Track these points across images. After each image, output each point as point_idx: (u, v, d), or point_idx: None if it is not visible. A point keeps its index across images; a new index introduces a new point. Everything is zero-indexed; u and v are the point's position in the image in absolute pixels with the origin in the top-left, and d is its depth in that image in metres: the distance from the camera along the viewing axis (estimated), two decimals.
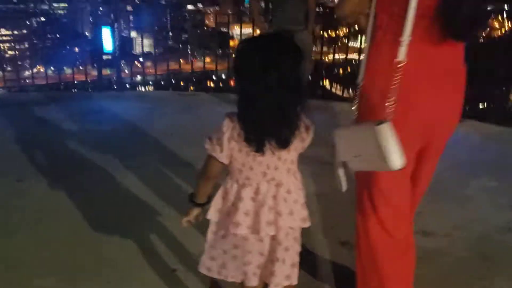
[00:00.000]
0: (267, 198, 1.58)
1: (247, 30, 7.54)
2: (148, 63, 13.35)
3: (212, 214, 1.68)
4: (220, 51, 11.15)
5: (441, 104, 1.69)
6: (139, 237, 2.69)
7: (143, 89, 9.55)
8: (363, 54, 1.71)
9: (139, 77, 8.96)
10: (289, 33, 4.26)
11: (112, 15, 7.67)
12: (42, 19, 33.28)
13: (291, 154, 1.58)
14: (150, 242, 2.65)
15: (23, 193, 3.30)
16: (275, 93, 1.41)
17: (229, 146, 1.53)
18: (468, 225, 2.88)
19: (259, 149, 1.50)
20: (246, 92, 1.45)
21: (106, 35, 6.55)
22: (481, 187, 3.41)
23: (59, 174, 3.60)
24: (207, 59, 8.77)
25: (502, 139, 4.60)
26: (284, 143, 1.50)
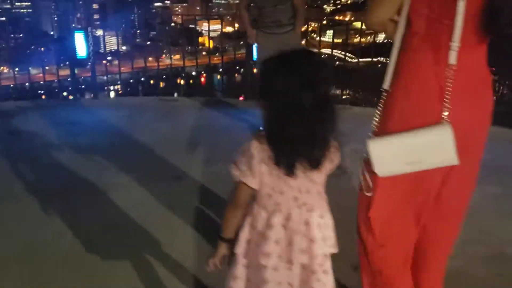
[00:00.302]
0: (299, 224, 1.48)
1: (216, 26, 7.55)
2: (116, 62, 13.26)
3: (240, 245, 1.55)
4: (188, 48, 11.13)
5: (474, 114, 1.61)
6: (134, 264, 2.50)
7: (113, 88, 9.47)
8: (391, 60, 1.63)
9: (107, 77, 8.81)
10: (276, 35, 4.14)
11: (85, 19, 7.44)
12: (3, 18, 32.46)
13: (321, 176, 1.50)
14: (147, 269, 2.49)
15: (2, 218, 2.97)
16: (309, 113, 1.34)
17: (260, 170, 1.44)
18: (478, 238, 2.72)
19: (291, 172, 1.41)
20: (277, 113, 1.37)
21: (79, 40, 6.21)
22: (485, 194, 3.08)
23: (39, 197, 3.20)
24: (176, 56, 8.72)
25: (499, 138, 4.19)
26: (316, 164, 1.42)
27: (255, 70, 6.02)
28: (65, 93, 7.29)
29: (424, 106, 1.58)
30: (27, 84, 7.56)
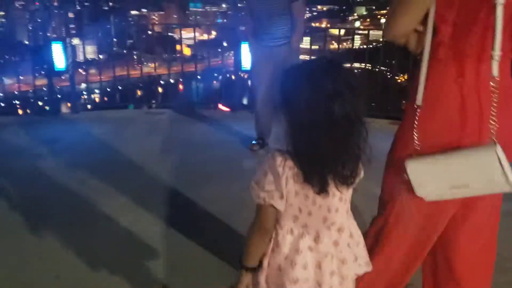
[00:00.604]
0: (328, 246, 1.40)
1: (190, 34, 7.55)
2: (92, 70, 13.12)
3: (263, 272, 1.45)
4: (166, 56, 11.07)
5: (508, 130, 1.51)
6: None
7: (90, 98, 9.36)
8: (422, 74, 1.51)
9: (83, 85, 8.73)
10: (268, 48, 4.06)
11: (63, 29, 7.21)
12: None
13: (350, 192, 1.43)
14: None
15: None
16: (340, 125, 1.26)
17: (287, 190, 1.34)
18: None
19: (323, 190, 1.32)
20: (305, 126, 1.27)
21: (57, 51, 5.80)
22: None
23: (22, 229, 2.97)
24: (155, 64, 8.69)
25: None
26: (349, 180, 1.35)
27: (249, 82, 5.94)
28: (40, 103, 7.09)
29: (461, 123, 1.48)
30: (1, 94, 7.42)
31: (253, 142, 4.49)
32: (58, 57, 5.83)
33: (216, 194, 3.38)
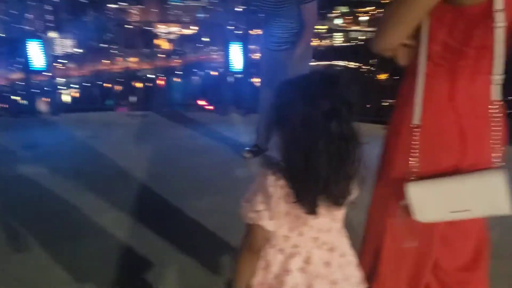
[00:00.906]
0: (319, 267, 1.38)
1: (170, 29, 7.37)
2: (70, 65, 12.80)
3: None
4: (146, 50, 10.88)
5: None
6: None
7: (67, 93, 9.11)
8: (418, 92, 1.48)
9: (60, 80, 8.44)
10: (269, 52, 3.79)
11: (40, 22, 6.79)
12: None
13: (343, 212, 1.39)
14: None
15: None
16: (336, 144, 1.22)
17: (278, 210, 1.30)
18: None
19: (313, 210, 1.28)
20: (299, 143, 1.22)
21: (35, 49, 5.33)
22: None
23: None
24: (134, 59, 8.46)
25: None
26: (341, 200, 1.31)
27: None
28: (17, 98, 6.81)
29: (459, 145, 1.45)
30: None
31: (247, 148, 4.17)
32: (36, 54, 5.39)
33: (210, 205, 3.19)
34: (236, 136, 4.57)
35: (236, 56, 5.52)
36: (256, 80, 5.38)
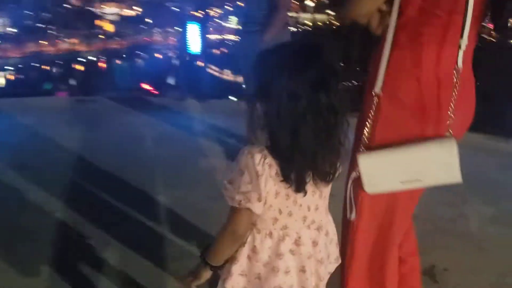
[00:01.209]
0: (309, 247, 1.32)
1: (114, 9, 6.94)
2: (5, 45, 12.03)
3: (233, 280, 1.32)
4: (87, 31, 10.37)
5: (463, 121, 1.48)
6: None
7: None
8: (383, 60, 1.43)
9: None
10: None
11: None
12: None
13: (329, 188, 1.31)
14: None
15: None
16: (324, 118, 1.15)
17: (266, 191, 1.21)
18: (488, 270, 2.21)
19: (301, 188, 1.20)
20: (286, 118, 1.14)
21: None
22: (477, 214, 2.69)
23: None
24: (74, 40, 7.98)
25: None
26: (329, 177, 1.23)
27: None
28: None
29: (420, 114, 1.41)
30: None
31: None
32: None
33: (172, 200, 2.90)
34: (196, 124, 4.23)
35: (193, 38, 5.23)
36: (213, 66, 5.13)
